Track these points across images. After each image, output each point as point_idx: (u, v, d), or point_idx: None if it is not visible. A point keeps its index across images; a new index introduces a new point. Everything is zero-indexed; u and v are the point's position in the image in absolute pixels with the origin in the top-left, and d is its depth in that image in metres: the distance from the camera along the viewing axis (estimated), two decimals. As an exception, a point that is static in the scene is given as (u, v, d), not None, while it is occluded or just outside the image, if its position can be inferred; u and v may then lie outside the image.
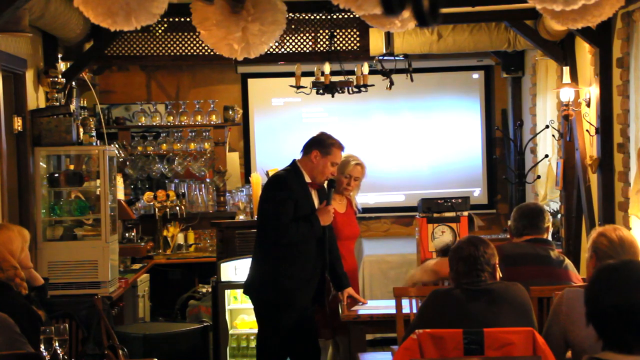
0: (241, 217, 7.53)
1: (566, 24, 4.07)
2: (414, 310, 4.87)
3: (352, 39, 7.41)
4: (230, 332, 6.68)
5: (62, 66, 6.86)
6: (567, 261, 4.84)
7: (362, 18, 3.97)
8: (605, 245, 3.94)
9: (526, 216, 4.98)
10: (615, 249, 3.91)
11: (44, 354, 3.67)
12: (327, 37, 7.30)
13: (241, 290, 6.64)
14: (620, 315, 2.49)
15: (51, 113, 6.48)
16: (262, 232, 5.51)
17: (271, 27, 3.96)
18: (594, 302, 2.56)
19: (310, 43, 7.38)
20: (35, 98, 6.52)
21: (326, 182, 5.59)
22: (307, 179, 5.49)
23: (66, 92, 6.90)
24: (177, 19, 7.23)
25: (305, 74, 7.24)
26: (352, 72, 7.20)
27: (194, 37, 7.25)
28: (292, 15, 7.13)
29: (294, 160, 5.57)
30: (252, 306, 5.63)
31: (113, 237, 6.71)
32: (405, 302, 5.04)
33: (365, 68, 7.11)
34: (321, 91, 7.07)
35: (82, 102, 8.07)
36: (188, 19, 4.50)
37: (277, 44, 7.29)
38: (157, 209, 8.68)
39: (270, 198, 5.43)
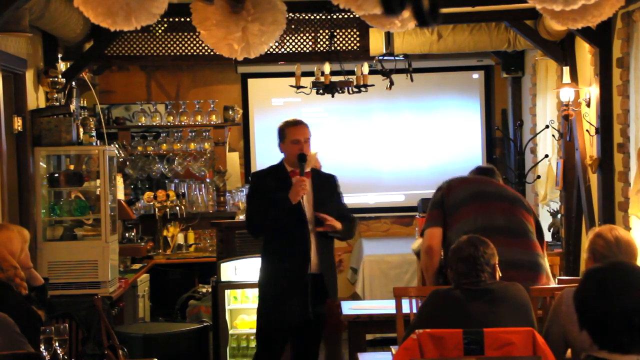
0: (241, 217, 7.54)
1: (566, 24, 4.07)
2: (414, 310, 4.87)
3: (352, 39, 7.41)
4: (230, 332, 6.67)
5: (62, 66, 6.86)
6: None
7: (362, 18, 3.97)
8: (601, 246, 3.94)
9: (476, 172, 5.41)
10: (612, 249, 3.91)
11: (44, 354, 3.68)
12: (327, 37, 7.30)
13: (241, 290, 6.67)
14: (614, 318, 2.47)
15: (51, 113, 6.48)
16: None
17: (271, 27, 3.95)
18: (585, 307, 2.54)
19: (310, 43, 7.38)
20: (35, 98, 6.52)
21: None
22: (289, 168, 5.52)
23: (66, 92, 6.90)
24: (177, 19, 7.23)
25: (305, 74, 7.23)
26: (352, 72, 7.20)
27: (194, 37, 7.25)
28: (292, 15, 7.13)
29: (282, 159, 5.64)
30: (251, 306, 5.64)
31: (113, 237, 6.71)
32: (405, 302, 5.04)
33: (365, 68, 7.11)
34: (321, 91, 7.07)
35: (82, 102, 8.07)
36: (188, 19, 4.49)
37: (277, 44, 7.29)
38: (157, 209, 8.68)
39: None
